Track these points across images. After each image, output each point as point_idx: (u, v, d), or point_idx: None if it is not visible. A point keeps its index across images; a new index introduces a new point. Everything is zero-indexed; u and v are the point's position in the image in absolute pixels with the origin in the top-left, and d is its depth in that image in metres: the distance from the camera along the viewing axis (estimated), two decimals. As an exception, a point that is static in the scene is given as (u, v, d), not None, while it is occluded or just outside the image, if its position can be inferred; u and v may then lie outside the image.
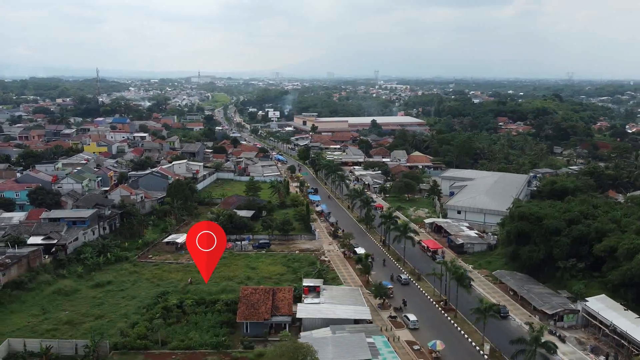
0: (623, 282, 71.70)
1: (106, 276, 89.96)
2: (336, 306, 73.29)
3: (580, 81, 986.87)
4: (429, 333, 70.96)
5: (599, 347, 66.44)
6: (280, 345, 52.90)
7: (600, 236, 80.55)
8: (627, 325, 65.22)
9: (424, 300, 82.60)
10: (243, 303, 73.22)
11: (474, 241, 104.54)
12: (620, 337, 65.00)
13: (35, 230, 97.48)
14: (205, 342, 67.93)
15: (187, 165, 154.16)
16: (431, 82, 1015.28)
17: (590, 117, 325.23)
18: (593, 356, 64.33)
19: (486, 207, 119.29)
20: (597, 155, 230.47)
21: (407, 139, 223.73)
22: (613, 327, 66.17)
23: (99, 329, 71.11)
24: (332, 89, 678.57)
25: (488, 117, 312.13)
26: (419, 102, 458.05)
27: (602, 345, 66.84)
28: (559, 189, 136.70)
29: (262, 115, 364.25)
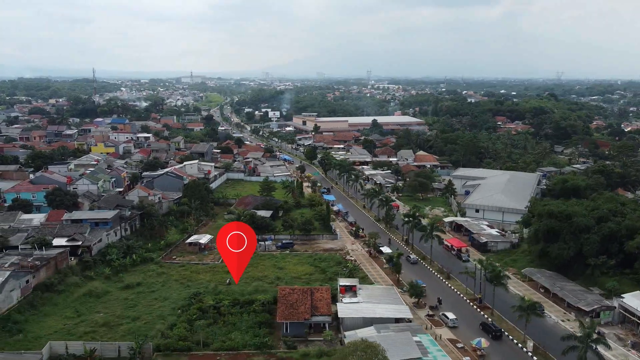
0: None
1: (134, 277, 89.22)
2: (375, 305, 73.36)
3: (568, 81, 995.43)
4: (468, 331, 71.43)
5: (639, 343, 67.32)
6: (350, 344, 52.73)
7: (631, 233, 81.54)
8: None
9: (457, 299, 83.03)
10: (282, 303, 73.01)
11: (497, 239, 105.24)
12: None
13: (59, 232, 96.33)
14: (247, 342, 67.70)
15: (198, 165, 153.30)
16: (421, 82, 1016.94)
17: (586, 116, 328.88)
18: (635, 352, 65.14)
19: (504, 205, 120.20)
20: (597, 153, 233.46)
21: (411, 138, 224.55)
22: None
23: (137, 331, 70.68)
24: (325, 89, 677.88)
25: (487, 117, 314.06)
26: (414, 101, 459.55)
27: (642, 341, 67.79)
28: (570, 187, 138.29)
29: (261, 116, 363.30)
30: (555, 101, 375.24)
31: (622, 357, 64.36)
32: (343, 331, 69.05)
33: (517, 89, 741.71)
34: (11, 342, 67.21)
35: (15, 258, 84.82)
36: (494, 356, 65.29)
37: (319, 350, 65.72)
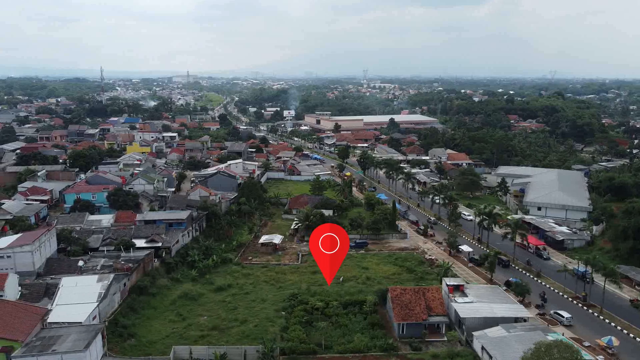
0: None
1: (222, 279, 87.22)
2: (490, 305, 72.31)
3: (557, 80, 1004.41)
4: (584, 329, 70.77)
5: None
6: (542, 344, 51.51)
7: None
8: None
9: (558, 297, 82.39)
10: (396, 304, 71.65)
11: (573, 237, 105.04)
12: None
13: (136, 233, 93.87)
14: (368, 344, 66.19)
15: (243, 165, 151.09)
16: (413, 80, 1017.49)
17: (595, 115, 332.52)
18: None
19: (568, 203, 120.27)
20: (618, 151, 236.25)
21: (438, 137, 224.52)
22: None
23: (251, 334, 69.17)
24: (322, 88, 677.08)
25: (499, 115, 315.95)
26: (419, 100, 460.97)
27: None
28: (617, 184, 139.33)
29: (272, 114, 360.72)
30: (562, 100, 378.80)
31: None
32: (465, 331, 68.07)
33: (510, 87, 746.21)
34: (127, 347, 65.05)
35: (104, 260, 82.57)
36: (624, 355, 64.73)
37: (448, 351, 64.57)
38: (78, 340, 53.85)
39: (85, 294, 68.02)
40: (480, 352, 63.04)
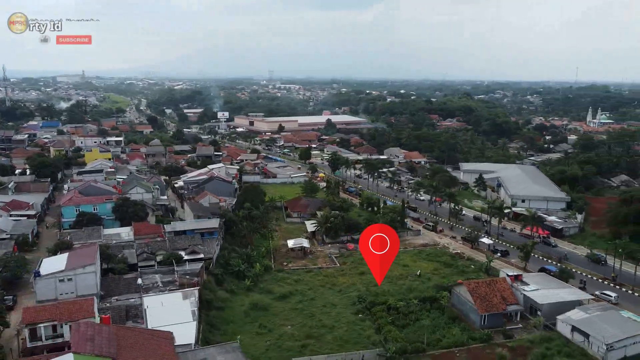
0: None
1: (278, 287, 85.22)
2: (555, 290, 78.68)
3: (447, 81, 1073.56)
4: (630, 306, 79.43)
5: None
6: None
7: None
8: None
9: (589, 279, 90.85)
10: (476, 296, 75.23)
11: (569, 225, 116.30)
12: None
13: (171, 245, 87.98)
14: (463, 338, 69.11)
15: (225, 169, 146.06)
16: (309, 82, 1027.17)
17: (505, 114, 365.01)
18: None
19: (549, 194, 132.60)
20: (536, 146, 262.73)
21: (385, 137, 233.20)
22: None
23: (349, 339, 69.43)
24: (229, 89, 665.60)
25: (423, 115, 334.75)
26: (337, 101, 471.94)
27: None
28: (570, 176, 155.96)
29: (199, 116, 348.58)
30: (472, 100, 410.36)
31: None
32: (542, 316, 73.50)
33: (408, 88, 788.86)
34: (234, 365, 61.62)
35: (159, 276, 77.02)
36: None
37: (541, 336, 69.32)
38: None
39: (177, 313, 63.22)
40: (570, 333, 68.57)
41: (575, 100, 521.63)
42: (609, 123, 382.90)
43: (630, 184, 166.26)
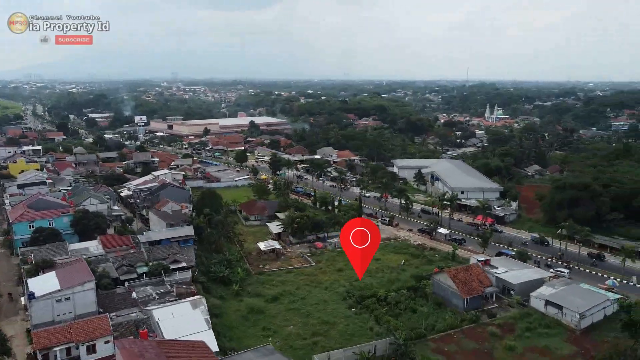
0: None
1: (266, 290, 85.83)
2: (521, 271, 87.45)
3: (347, 81, 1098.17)
4: (582, 279, 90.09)
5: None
6: None
7: (633, 193, 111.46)
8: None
9: (540, 259, 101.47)
10: (458, 282, 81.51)
11: (510, 212, 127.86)
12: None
13: (149, 255, 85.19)
14: (454, 321, 74.94)
15: (171, 174, 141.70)
16: (212, 83, 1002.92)
17: (414, 112, 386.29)
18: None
19: (484, 185, 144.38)
20: (449, 142, 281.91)
21: (312, 137, 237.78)
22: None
23: (352, 332, 72.35)
24: (133, 91, 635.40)
25: (340, 114, 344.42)
26: (251, 102, 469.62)
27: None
28: (493, 167, 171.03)
29: (111, 121, 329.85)
30: (382, 99, 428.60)
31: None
32: (515, 295, 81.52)
33: (312, 88, 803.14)
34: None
35: (150, 288, 74.90)
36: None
37: (519, 313, 77.28)
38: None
39: (190, 322, 62.44)
40: (544, 307, 77.04)
41: (471, 97, 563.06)
42: (505, 118, 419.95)
43: (542, 172, 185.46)
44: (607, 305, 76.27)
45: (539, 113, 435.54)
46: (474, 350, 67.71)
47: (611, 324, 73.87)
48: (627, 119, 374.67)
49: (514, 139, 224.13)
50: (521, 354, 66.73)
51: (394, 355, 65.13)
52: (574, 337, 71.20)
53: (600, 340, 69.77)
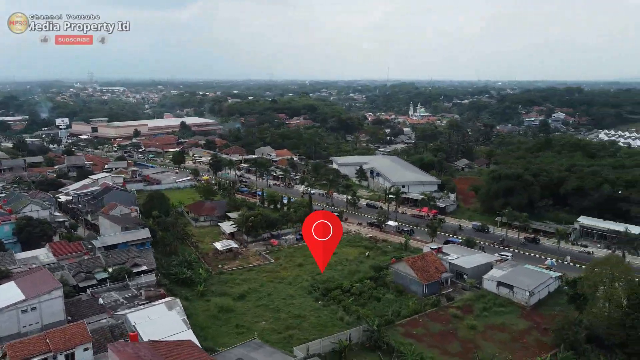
0: (593, 207, 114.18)
1: (228, 289, 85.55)
2: (471, 257, 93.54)
3: (268, 81, 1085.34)
4: (523, 260, 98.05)
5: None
6: (596, 261, 72.50)
7: (559, 180, 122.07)
8: (608, 225, 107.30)
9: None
10: (417, 269, 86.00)
11: (450, 203, 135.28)
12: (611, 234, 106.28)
13: (108, 261, 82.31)
14: (419, 306, 79.09)
15: (112, 178, 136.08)
16: (131, 83, 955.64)
17: (344, 111, 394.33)
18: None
19: (423, 179, 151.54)
20: (379, 139, 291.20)
21: (248, 138, 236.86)
22: (612, 231, 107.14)
23: (324, 324, 74.13)
24: (45, 92, 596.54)
25: (271, 114, 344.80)
26: (177, 103, 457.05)
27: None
28: (427, 162, 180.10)
29: (27, 124, 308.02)
30: (311, 99, 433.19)
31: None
32: (469, 279, 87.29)
33: (237, 88, 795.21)
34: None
35: (115, 293, 72.68)
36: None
37: (474, 295, 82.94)
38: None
39: (169, 324, 61.62)
40: (496, 288, 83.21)
41: (394, 96, 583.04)
42: (427, 115, 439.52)
43: (471, 166, 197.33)
44: (550, 283, 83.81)
45: (458, 110, 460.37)
46: (440, 332, 72.02)
47: (555, 299, 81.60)
48: (536, 115, 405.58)
49: (442, 135, 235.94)
50: (483, 332, 71.93)
51: (369, 342, 68.01)
52: (525, 313, 77.69)
53: (548, 314, 76.68)
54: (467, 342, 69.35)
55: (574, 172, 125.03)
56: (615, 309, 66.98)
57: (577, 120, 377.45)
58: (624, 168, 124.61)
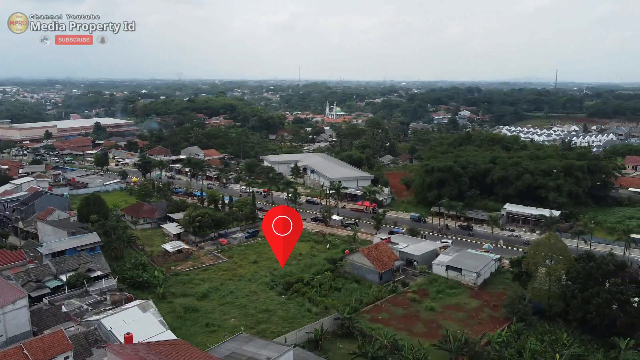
0: (516, 195, 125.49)
1: (189, 289, 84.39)
2: (418, 244, 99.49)
3: (175, 81, 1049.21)
4: (463, 246, 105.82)
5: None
6: (536, 241, 79.70)
7: (485, 172, 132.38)
8: (531, 211, 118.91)
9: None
10: (372, 259, 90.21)
11: (385, 197, 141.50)
12: (533, 218, 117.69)
13: (63, 267, 78.09)
14: (380, 293, 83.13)
15: (37, 181, 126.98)
16: (21, 82, 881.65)
17: (263, 110, 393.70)
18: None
19: (358, 175, 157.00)
20: (302, 138, 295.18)
21: (171, 138, 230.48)
22: (531, 216, 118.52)
23: (292, 316, 75.93)
24: None
25: (189, 114, 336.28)
26: (82, 103, 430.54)
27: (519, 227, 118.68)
28: (356, 159, 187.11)
29: None
30: (228, 98, 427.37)
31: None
32: (419, 265, 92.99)
33: (144, 88, 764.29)
34: None
35: (75, 299, 69.52)
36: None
37: (427, 279, 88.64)
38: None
39: (147, 326, 60.51)
40: (445, 272, 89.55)
41: (308, 96, 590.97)
42: (343, 114, 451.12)
43: (396, 161, 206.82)
44: (492, 264, 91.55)
45: (372, 109, 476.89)
46: (404, 315, 76.46)
47: (497, 279, 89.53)
48: (444, 113, 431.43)
49: (366, 133, 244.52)
50: (441, 312, 77.40)
51: (340, 329, 70.74)
52: (474, 292, 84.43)
53: (494, 292, 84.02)
54: (430, 322, 74.34)
55: (497, 163, 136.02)
56: (555, 282, 74.98)
57: (480, 117, 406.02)
58: (538, 159, 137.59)
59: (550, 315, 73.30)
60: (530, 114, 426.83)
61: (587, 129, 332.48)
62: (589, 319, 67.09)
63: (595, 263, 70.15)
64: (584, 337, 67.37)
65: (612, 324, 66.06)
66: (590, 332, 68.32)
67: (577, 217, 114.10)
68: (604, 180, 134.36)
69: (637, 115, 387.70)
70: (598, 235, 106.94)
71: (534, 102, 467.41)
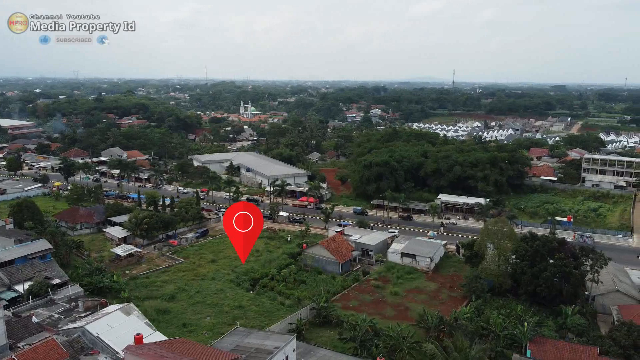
0: (447, 185, 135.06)
1: (153, 292, 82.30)
2: (371, 235, 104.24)
3: (70, 79, 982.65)
4: (406, 236, 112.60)
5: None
6: (488, 223, 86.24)
7: (418, 165, 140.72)
8: (462, 200, 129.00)
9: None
10: (332, 250, 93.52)
11: (325, 192, 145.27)
12: (465, 207, 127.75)
13: (16, 277, 72.96)
14: (346, 283, 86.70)
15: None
16: None
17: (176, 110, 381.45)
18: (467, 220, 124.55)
19: (295, 172, 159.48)
20: (222, 137, 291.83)
21: (88, 138, 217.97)
22: (464, 204, 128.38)
23: (267, 310, 77.37)
24: None
25: (99, 114, 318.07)
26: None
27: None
28: (286, 157, 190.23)
29: None
30: (137, 97, 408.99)
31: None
32: (375, 253, 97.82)
33: (35, 87, 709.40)
34: None
35: (42, 309, 65.90)
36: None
37: (385, 266, 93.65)
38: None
39: (135, 329, 58.53)
40: (400, 259, 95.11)
41: (219, 95, 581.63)
42: (258, 114, 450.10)
43: (323, 158, 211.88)
44: (440, 250, 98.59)
45: (285, 108, 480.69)
46: (372, 301, 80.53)
47: (447, 262, 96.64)
48: (356, 111, 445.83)
49: (290, 132, 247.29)
50: (405, 296, 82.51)
51: (317, 319, 73.18)
52: (430, 276, 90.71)
53: (447, 275, 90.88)
54: (397, 306, 79.05)
55: (429, 157, 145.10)
56: (504, 261, 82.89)
57: (390, 115, 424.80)
58: (463, 152, 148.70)
59: (501, 291, 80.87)
60: (435, 112, 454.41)
61: (487, 125, 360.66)
62: (539, 291, 75.25)
63: (541, 241, 78.70)
64: (534, 308, 75.45)
65: (558, 294, 74.68)
66: (539, 304, 76.67)
67: (504, 204, 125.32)
68: (520, 170, 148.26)
69: (528, 112, 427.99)
70: (523, 219, 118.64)
71: (437, 101, 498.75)
